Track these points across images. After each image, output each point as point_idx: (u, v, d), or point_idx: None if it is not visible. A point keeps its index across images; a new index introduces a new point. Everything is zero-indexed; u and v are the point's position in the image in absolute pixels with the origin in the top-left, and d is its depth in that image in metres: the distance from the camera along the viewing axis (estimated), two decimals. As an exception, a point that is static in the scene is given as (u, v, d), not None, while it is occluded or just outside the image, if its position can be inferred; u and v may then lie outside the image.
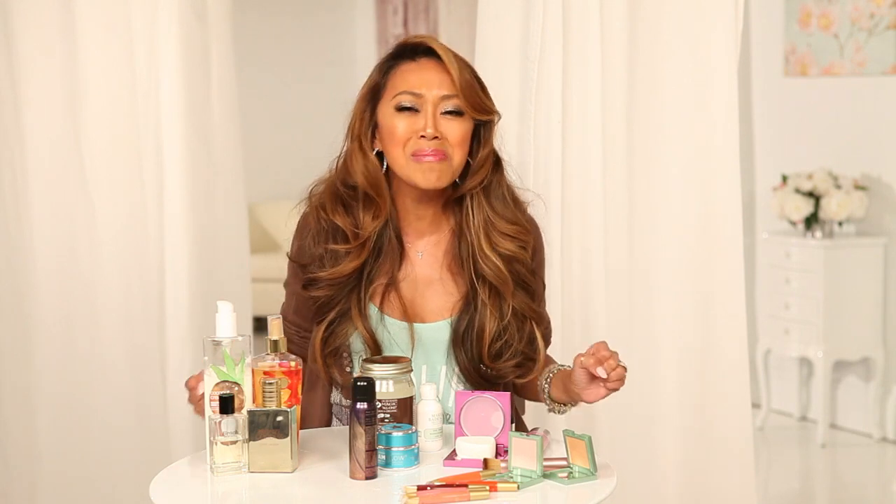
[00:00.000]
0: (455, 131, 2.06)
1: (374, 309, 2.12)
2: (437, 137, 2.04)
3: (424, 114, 2.05)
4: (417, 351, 2.12)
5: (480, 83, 2.10)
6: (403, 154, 2.06)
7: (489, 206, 2.12)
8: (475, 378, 2.12)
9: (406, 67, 2.09)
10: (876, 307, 4.96)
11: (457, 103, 2.06)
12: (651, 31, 2.77)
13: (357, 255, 2.10)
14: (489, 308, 2.09)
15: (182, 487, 1.88)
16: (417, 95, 2.06)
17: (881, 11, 4.91)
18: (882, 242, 4.96)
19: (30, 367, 3.18)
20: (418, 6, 7.50)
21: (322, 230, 2.13)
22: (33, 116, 3.14)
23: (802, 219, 4.95)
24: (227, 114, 3.49)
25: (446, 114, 2.06)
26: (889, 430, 4.98)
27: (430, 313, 2.13)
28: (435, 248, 2.15)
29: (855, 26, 5.02)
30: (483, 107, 2.08)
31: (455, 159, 2.07)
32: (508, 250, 2.10)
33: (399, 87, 2.07)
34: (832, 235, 4.99)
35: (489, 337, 2.09)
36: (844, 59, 5.08)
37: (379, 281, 2.12)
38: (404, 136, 2.06)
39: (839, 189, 4.87)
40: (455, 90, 2.05)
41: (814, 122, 5.24)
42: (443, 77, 2.06)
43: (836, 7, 5.09)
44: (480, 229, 2.10)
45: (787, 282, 5.06)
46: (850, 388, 5.14)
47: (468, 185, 2.10)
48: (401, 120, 2.06)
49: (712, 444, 2.85)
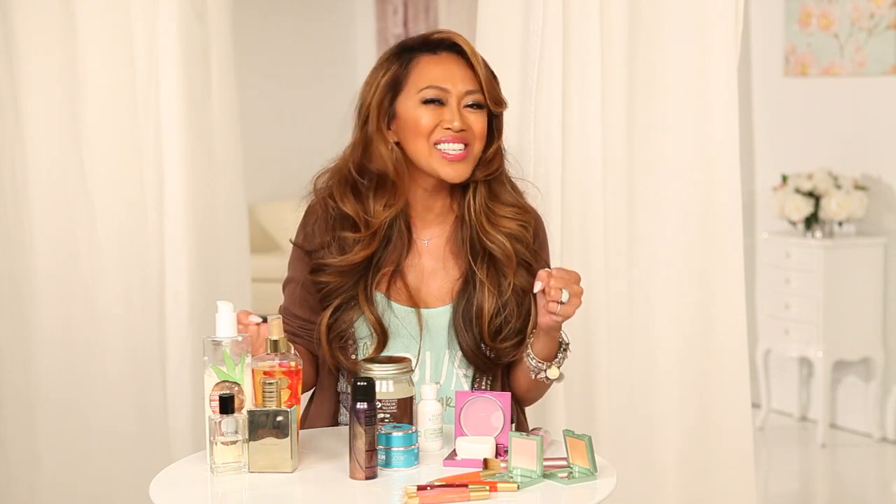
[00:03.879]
0: (478, 124, 2.13)
1: (380, 296, 2.14)
2: (464, 130, 2.10)
3: (450, 107, 2.11)
4: (424, 337, 2.14)
5: (495, 76, 2.18)
6: (427, 145, 2.11)
7: (489, 191, 2.18)
8: (477, 360, 2.15)
9: (429, 60, 2.14)
10: (876, 307, 4.96)
11: (479, 98, 2.13)
12: (651, 31, 2.77)
13: (367, 244, 2.13)
14: (487, 286, 2.13)
15: (182, 487, 1.88)
16: (443, 90, 2.11)
17: (881, 11, 4.91)
18: (882, 242, 4.96)
19: (30, 367, 3.17)
20: (418, 6, 7.50)
21: (330, 217, 2.16)
22: (33, 116, 3.14)
23: (802, 219, 4.95)
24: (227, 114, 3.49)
25: (468, 107, 2.12)
26: (889, 430, 4.98)
27: (435, 299, 2.17)
28: (440, 237, 2.19)
29: (855, 26, 5.02)
30: (501, 99, 2.17)
31: (476, 150, 2.13)
32: (509, 229, 2.16)
33: (424, 81, 2.12)
34: (832, 235, 4.99)
35: (488, 313, 2.12)
36: (844, 59, 5.08)
37: (386, 269, 2.15)
38: (429, 127, 2.10)
39: (839, 189, 4.87)
40: (477, 85, 2.12)
41: (814, 122, 5.23)
42: (466, 71, 2.13)
43: (836, 7, 5.09)
44: (482, 213, 2.16)
45: (787, 282, 5.06)
46: (850, 388, 5.14)
47: (479, 175, 2.16)
48: (426, 112, 2.11)
49: (712, 444, 2.85)
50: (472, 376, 2.17)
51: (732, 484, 2.86)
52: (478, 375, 2.17)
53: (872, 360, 4.99)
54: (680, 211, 2.81)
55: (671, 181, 2.81)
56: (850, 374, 5.14)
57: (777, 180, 5.19)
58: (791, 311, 5.05)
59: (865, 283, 4.94)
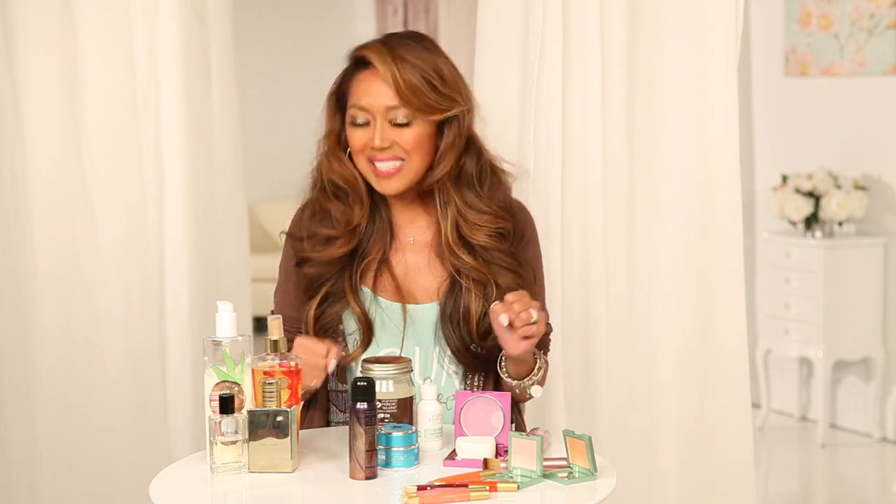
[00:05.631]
0: (405, 139, 2.09)
1: (366, 290, 2.15)
2: (387, 147, 2.09)
3: (374, 126, 2.09)
4: (409, 331, 2.15)
5: (431, 81, 2.08)
6: (364, 163, 2.13)
7: (459, 197, 2.14)
8: (466, 358, 2.15)
9: (358, 77, 2.13)
10: (876, 307, 4.96)
11: (403, 112, 2.08)
12: (651, 31, 2.77)
13: (346, 241, 2.15)
14: (473, 292, 2.13)
15: (182, 487, 1.88)
16: (365, 109, 2.10)
17: (881, 11, 4.91)
18: (882, 242, 4.96)
19: (30, 367, 3.17)
20: (418, 6, 7.50)
21: (317, 211, 2.18)
22: (33, 116, 3.13)
23: (802, 219, 4.95)
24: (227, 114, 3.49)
25: (396, 125, 2.09)
26: (889, 430, 4.98)
27: (422, 295, 2.17)
28: (425, 233, 2.20)
29: (855, 26, 5.02)
30: (434, 107, 2.09)
31: (414, 162, 2.11)
32: (480, 242, 2.13)
33: (352, 100, 2.12)
34: (832, 235, 4.99)
35: (476, 315, 2.12)
36: (844, 59, 5.08)
37: (370, 257, 2.16)
38: (359, 147, 2.12)
39: (839, 189, 4.87)
40: (397, 101, 2.07)
41: (814, 122, 5.23)
42: (388, 87, 2.08)
43: (836, 7, 5.09)
44: (451, 223, 2.13)
45: (787, 282, 5.06)
46: (850, 388, 5.14)
47: (430, 181, 2.14)
48: (355, 133, 2.12)
49: (712, 444, 2.85)
50: (462, 374, 2.17)
51: (732, 484, 2.86)
52: (469, 373, 2.17)
53: (872, 360, 4.99)
54: (680, 211, 2.81)
55: (671, 181, 2.81)
56: (850, 374, 5.14)
57: (777, 180, 5.19)
58: (791, 311, 5.05)
59: (865, 283, 4.94)
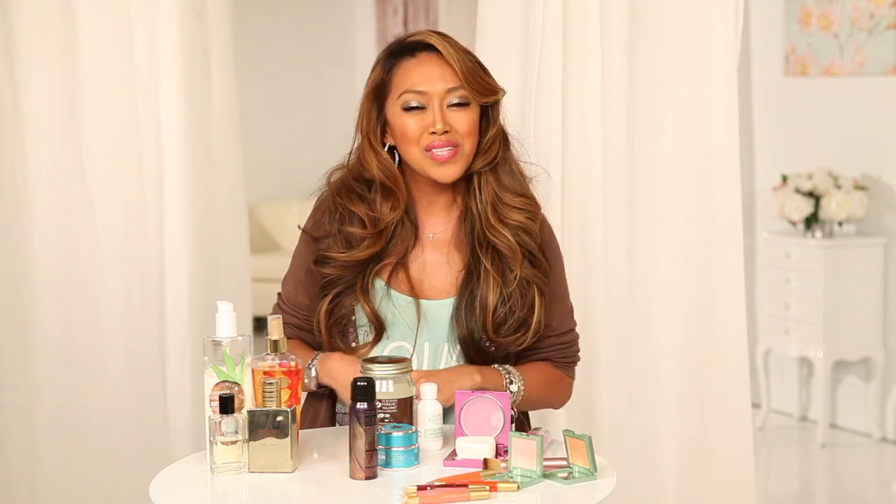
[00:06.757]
0: (463, 122, 2.10)
1: (381, 283, 2.15)
2: (448, 131, 2.08)
3: (431, 110, 2.09)
4: (423, 327, 2.14)
5: (481, 66, 2.13)
6: (418, 150, 2.10)
7: (496, 181, 2.16)
8: (471, 349, 2.14)
9: (407, 65, 2.12)
10: (876, 307, 4.96)
11: (462, 94, 2.10)
12: (651, 31, 2.77)
13: (373, 242, 2.14)
14: (492, 276, 2.12)
15: (182, 487, 1.88)
16: (422, 93, 2.09)
17: (881, 11, 4.91)
18: (882, 242, 4.96)
19: (30, 368, 3.17)
20: (418, 6, 7.50)
21: (338, 212, 2.17)
22: (33, 116, 3.14)
23: (802, 219, 4.95)
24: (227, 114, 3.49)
25: (453, 106, 2.10)
26: (889, 430, 4.98)
27: (438, 291, 2.16)
28: (445, 230, 2.19)
29: (855, 26, 5.02)
30: (488, 89, 2.12)
31: (466, 148, 2.11)
32: (516, 221, 2.14)
33: (403, 86, 2.10)
34: (832, 235, 4.99)
35: (493, 304, 2.11)
36: (844, 59, 5.08)
37: (388, 260, 2.16)
38: (415, 134, 2.10)
39: (839, 189, 4.87)
40: (458, 81, 2.09)
41: (814, 122, 5.23)
42: (444, 70, 2.10)
43: (836, 7, 5.09)
44: (488, 204, 2.14)
45: (786, 282, 5.06)
46: (850, 388, 5.14)
47: (478, 165, 2.14)
48: (409, 119, 2.10)
49: (712, 444, 2.85)
50: None
51: (732, 484, 2.86)
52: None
53: (872, 360, 4.99)
54: (680, 211, 2.81)
55: (671, 181, 2.81)
56: (850, 374, 5.14)
57: (777, 180, 5.19)
58: (791, 311, 5.05)
59: (865, 283, 4.94)
